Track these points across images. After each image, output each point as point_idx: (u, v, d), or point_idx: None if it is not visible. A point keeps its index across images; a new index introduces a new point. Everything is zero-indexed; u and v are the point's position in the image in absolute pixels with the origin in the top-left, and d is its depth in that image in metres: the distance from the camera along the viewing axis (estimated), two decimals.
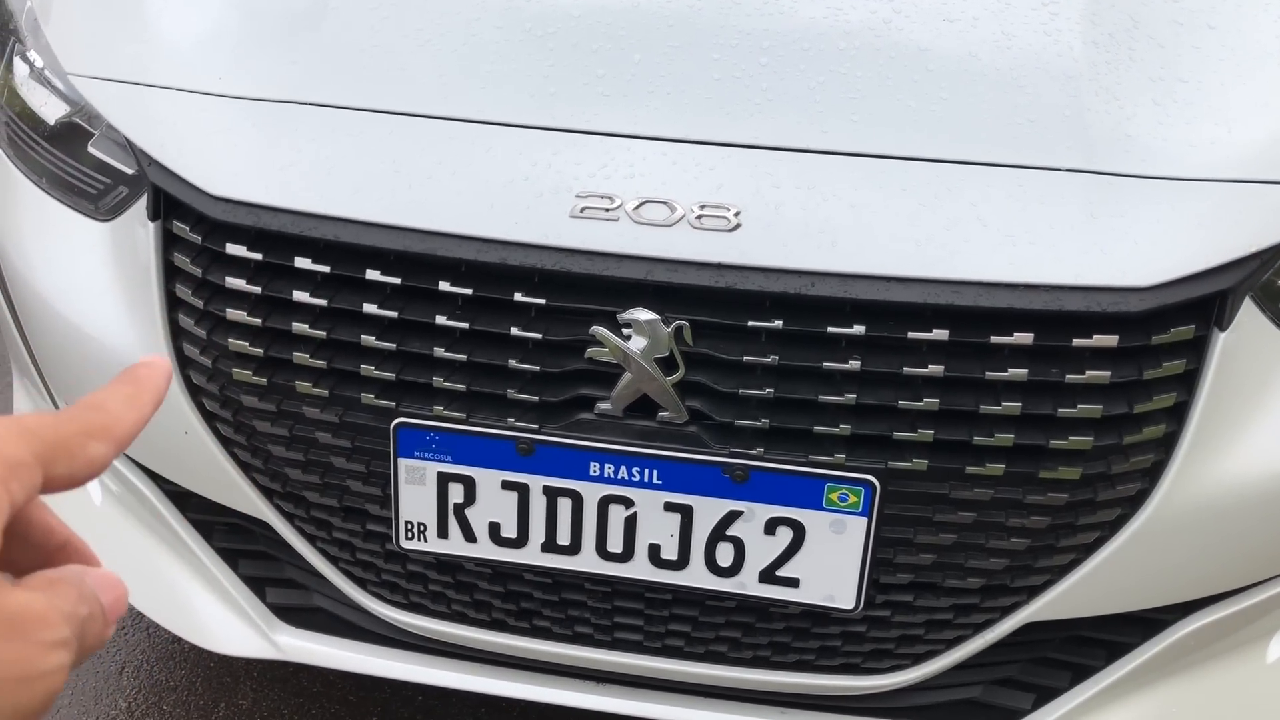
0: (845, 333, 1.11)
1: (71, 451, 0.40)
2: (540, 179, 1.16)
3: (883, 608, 1.23)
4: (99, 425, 0.41)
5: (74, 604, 0.39)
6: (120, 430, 0.42)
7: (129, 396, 0.43)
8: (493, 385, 1.17)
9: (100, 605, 0.40)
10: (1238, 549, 1.23)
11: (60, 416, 0.40)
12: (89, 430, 0.41)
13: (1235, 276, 1.12)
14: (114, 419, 0.42)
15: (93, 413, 0.42)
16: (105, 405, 0.42)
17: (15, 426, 0.38)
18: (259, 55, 1.29)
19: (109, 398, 0.43)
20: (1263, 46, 1.27)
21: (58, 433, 0.40)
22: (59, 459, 0.39)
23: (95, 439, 0.41)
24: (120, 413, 0.42)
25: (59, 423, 0.40)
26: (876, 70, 1.20)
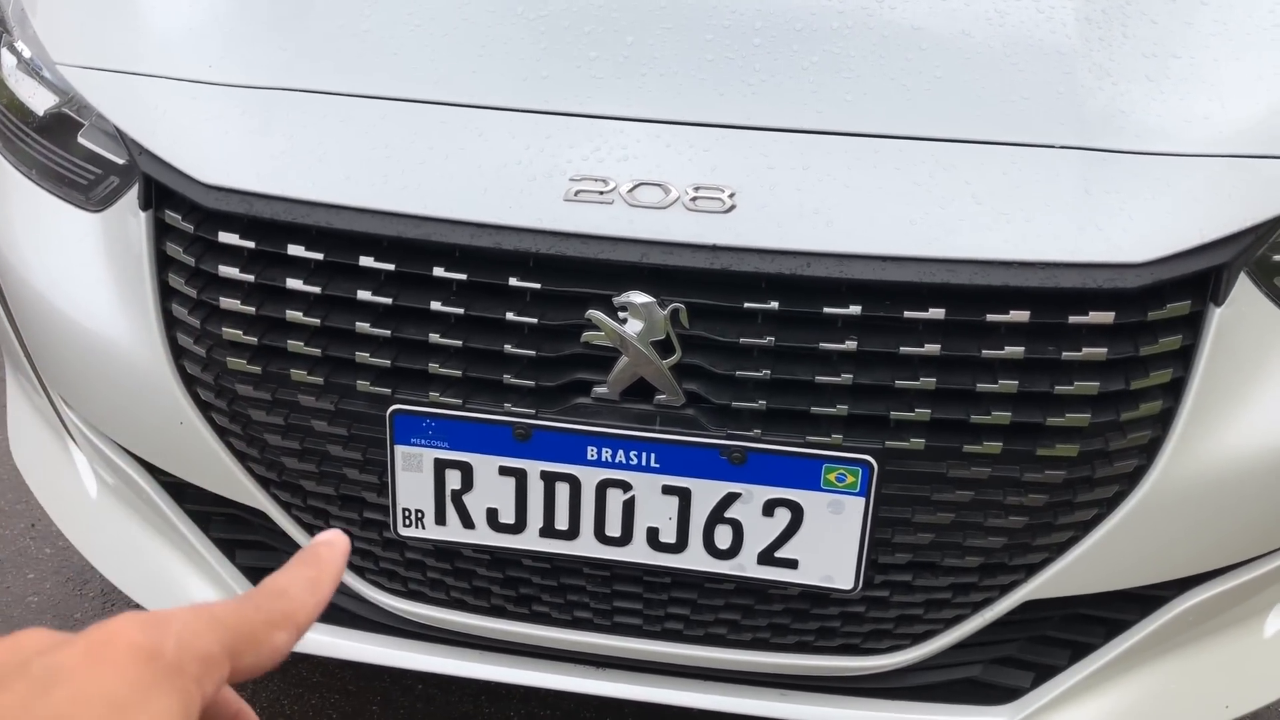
0: (841, 313, 1.11)
1: (258, 642, 0.39)
2: (533, 163, 1.15)
3: (881, 588, 1.23)
4: (282, 613, 0.41)
5: None
6: (303, 617, 0.41)
7: (310, 580, 0.43)
8: (488, 370, 1.17)
9: None
10: (1234, 524, 1.23)
11: (246, 605, 0.40)
12: (273, 620, 0.40)
13: (1231, 251, 1.12)
14: (297, 605, 0.41)
15: (277, 600, 0.41)
16: (288, 591, 0.42)
17: (206, 617, 0.38)
18: (249, 42, 1.28)
19: (291, 582, 0.42)
20: (1256, 21, 1.26)
21: (245, 623, 0.39)
22: (246, 650, 0.39)
23: (279, 628, 0.40)
24: (303, 599, 0.42)
25: (245, 612, 0.40)
26: (870, 49, 1.19)
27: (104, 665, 0.34)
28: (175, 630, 0.36)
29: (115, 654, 0.35)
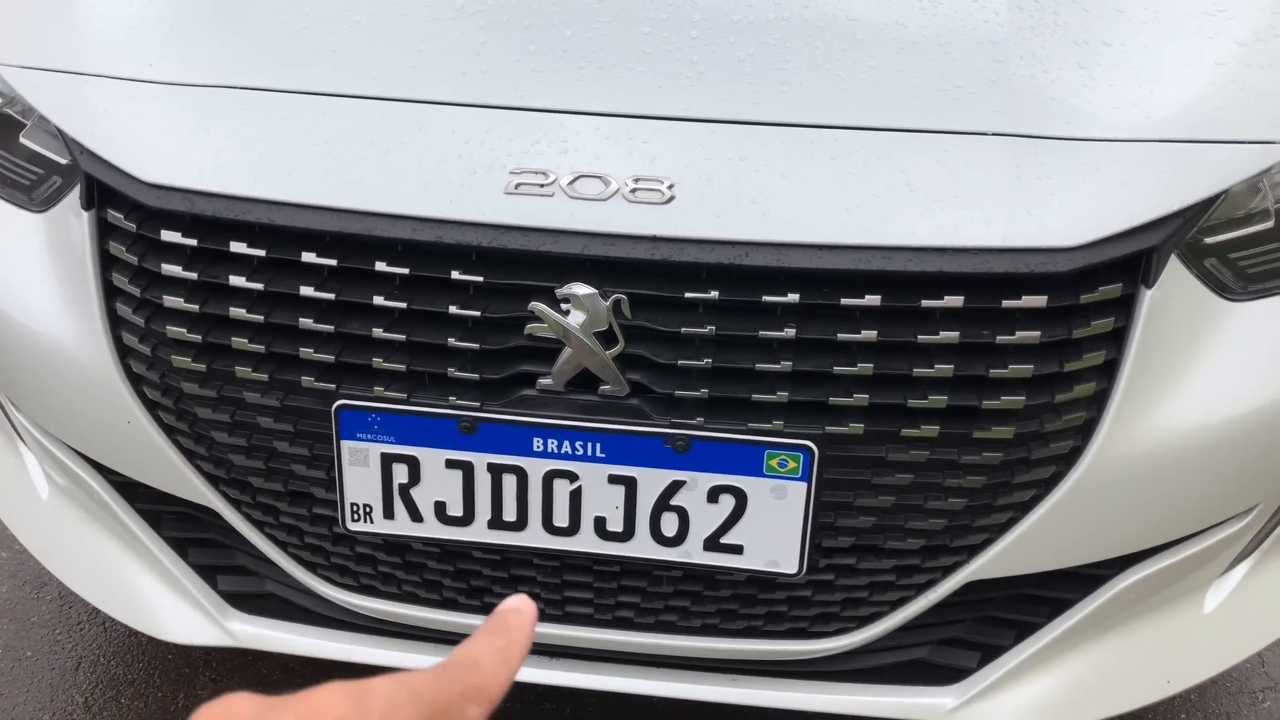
0: (780, 301, 1.12)
1: (452, 716, 0.39)
2: (474, 156, 1.16)
3: (826, 571, 1.25)
4: (476, 686, 0.41)
5: None
6: (495, 691, 0.41)
7: (501, 650, 0.43)
8: (433, 364, 1.17)
9: None
10: (1170, 502, 1.26)
11: (441, 677, 0.40)
12: (467, 693, 0.40)
13: (1160, 234, 1.15)
14: (489, 679, 0.42)
15: (469, 672, 0.41)
16: (480, 662, 0.42)
17: (405, 690, 0.38)
18: (189, 40, 1.28)
19: (482, 653, 0.42)
20: (1185, 8, 1.29)
21: (441, 696, 0.39)
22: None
23: (473, 701, 0.40)
24: (494, 671, 0.42)
25: (440, 685, 0.40)
26: (805, 41, 1.21)
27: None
28: (379, 705, 0.37)
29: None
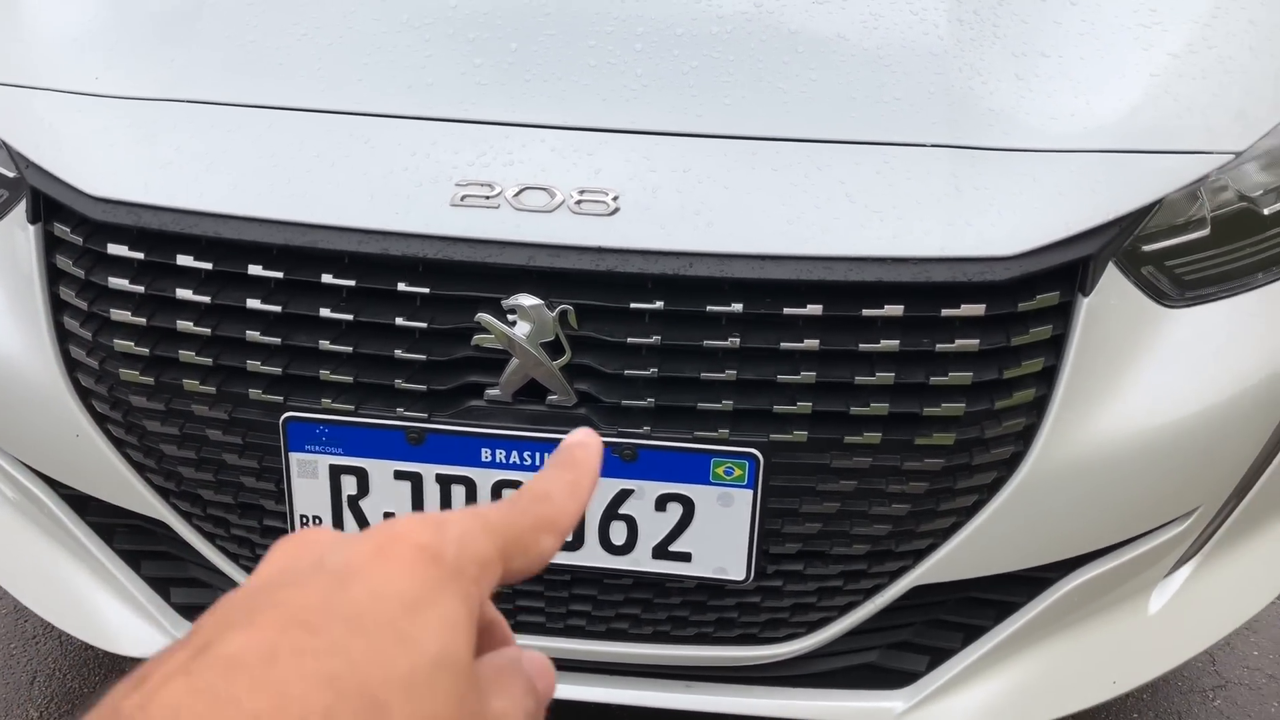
0: (724, 310, 1.14)
1: (526, 547, 0.40)
2: (420, 169, 1.17)
3: (774, 577, 1.26)
4: (547, 518, 0.41)
5: (523, 698, 0.38)
6: (565, 522, 0.42)
7: (570, 484, 0.43)
8: (380, 376, 1.18)
9: (537, 694, 0.40)
10: (1111, 506, 1.28)
11: (514, 509, 0.40)
12: (539, 524, 0.40)
13: (1096, 243, 1.17)
14: (559, 510, 0.42)
15: (541, 504, 0.41)
16: (551, 495, 0.42)
17: (480, 523, 0.38)
18: (135, 54, 1.28)
19: (553, 486, 0.42)
20: (1120, 20, 1.31)
21: (514, 528, 0.39)
22: (515, 555, 0.39)
23: (545, 532, 0.40)
24: (564, 503, 0.42)
25: (513, 516, 0.40)
26: (748, 54, 1.22)
27: (393, 564, 0.35)
28: (455, 534, 0.37)
29: (403, 553, 0.35)
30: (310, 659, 0.31)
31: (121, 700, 0.30)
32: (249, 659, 0.31)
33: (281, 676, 0.30)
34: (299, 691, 0.30)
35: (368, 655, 0.32)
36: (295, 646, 0.31)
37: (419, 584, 0.34)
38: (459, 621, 0.34)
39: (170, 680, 0.30)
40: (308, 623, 0.32)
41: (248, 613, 0.32)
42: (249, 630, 0.32)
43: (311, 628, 0.32)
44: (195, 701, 0.30)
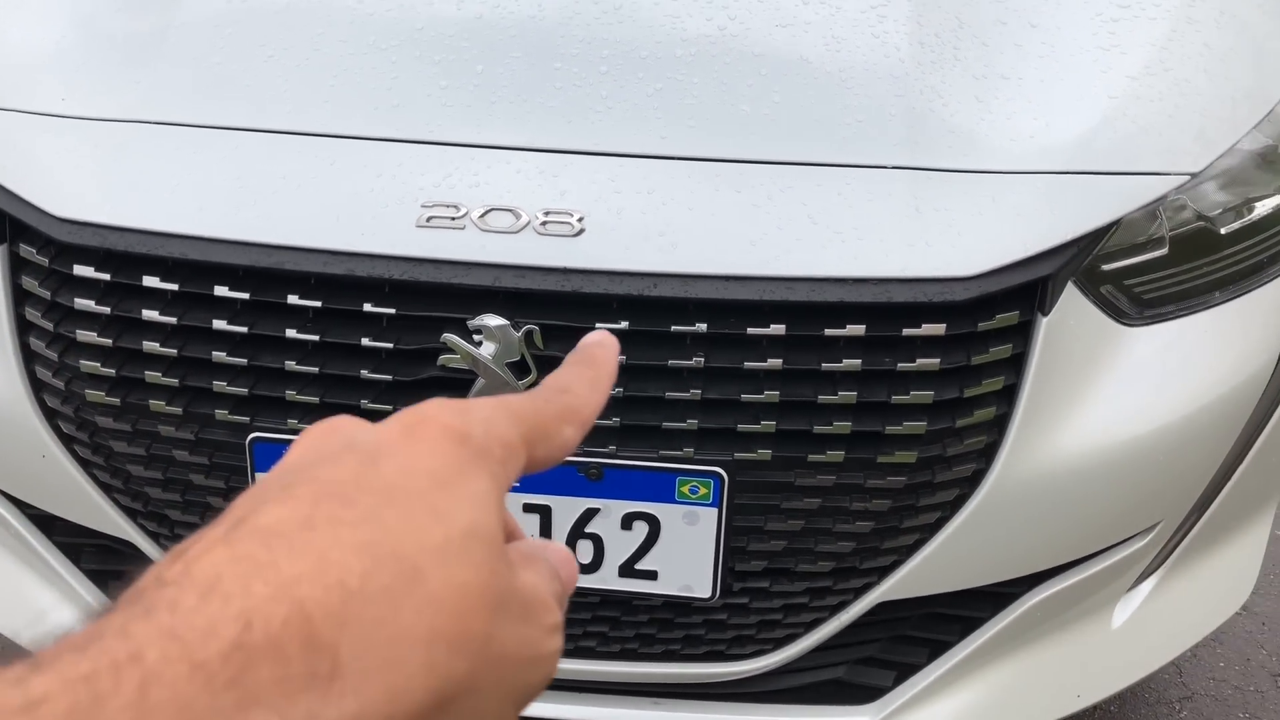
0: (688, 330, 1.15)
1: (549, 435, 0.40)
2: (386, 190, 1.17)
3: (740, 595, 1.27)
4: (570, 409, 0.42)
5: (551, 582, 0.39)
6: (587, 413, 0.42)
7: (591, 379, 0.44)
8: (346, 396, 1.18)
9: (561, 580, 0.40)
10: (1073, 521, 1.29)
11: (537, 399, 0.41)
12: (562, 414, 0.41)
13: (1055, 263, 1.18)
14: (581, 402, 0.42)
15: (564, 396, 0.42)
16: (573, 388, 0.42)
17: (505, 410, 0.39)
18: (101, 75, 1.29)
19: (573, 380, 0.43)
20: (1080, 43, 1.33)
21: (538, 416, 0.40)
22: (539, 442, 0.40)
23: (567, 422, 0.41)
24: (586, 395, 0.43)
25: (537, 405, 0.40)
26: (712, 76, 1.23)
27: (422, 443, 0.35)
28: (481, 417, 0.37)
29: (431, 433, 0.36)
30: (346, 527, 0.32)
31: (164, 570, 0.31)
32: (286, 528, 0.32)
33: (319, 542, 0.31)
34: (337, 555, 0.31)
35: (401, 524, 0.33)
36: (331, 516, 0.32)
37: (448, 461, 0.35)
38: (488, 497, 0.35)
39: (210, 550, 0.31)
40: (342, 495, 0.33)
41: (282, 489, 0.33)
42: (284, 503, 0.32)
43: (346, 499, 0.33)
44: (235, 567, 0.30)
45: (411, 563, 0.32)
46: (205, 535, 0.32)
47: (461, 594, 0.33)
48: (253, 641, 0.29)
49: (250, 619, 0.29)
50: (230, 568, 0.30)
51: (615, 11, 1.29)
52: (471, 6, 1.29)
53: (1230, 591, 1.60)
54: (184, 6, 1.31)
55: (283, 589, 0.30)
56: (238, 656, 0.29)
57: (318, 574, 0.31)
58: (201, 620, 0.29)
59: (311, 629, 0.30)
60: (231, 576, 0.30)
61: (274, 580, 0.30)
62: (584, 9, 1.29)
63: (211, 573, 0.30)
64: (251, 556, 0.31)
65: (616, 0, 1.30)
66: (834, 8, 1.30)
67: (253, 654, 0.29)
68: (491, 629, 0.34)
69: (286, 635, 0.30)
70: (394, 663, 0.31)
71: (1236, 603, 1.60)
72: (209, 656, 0.29)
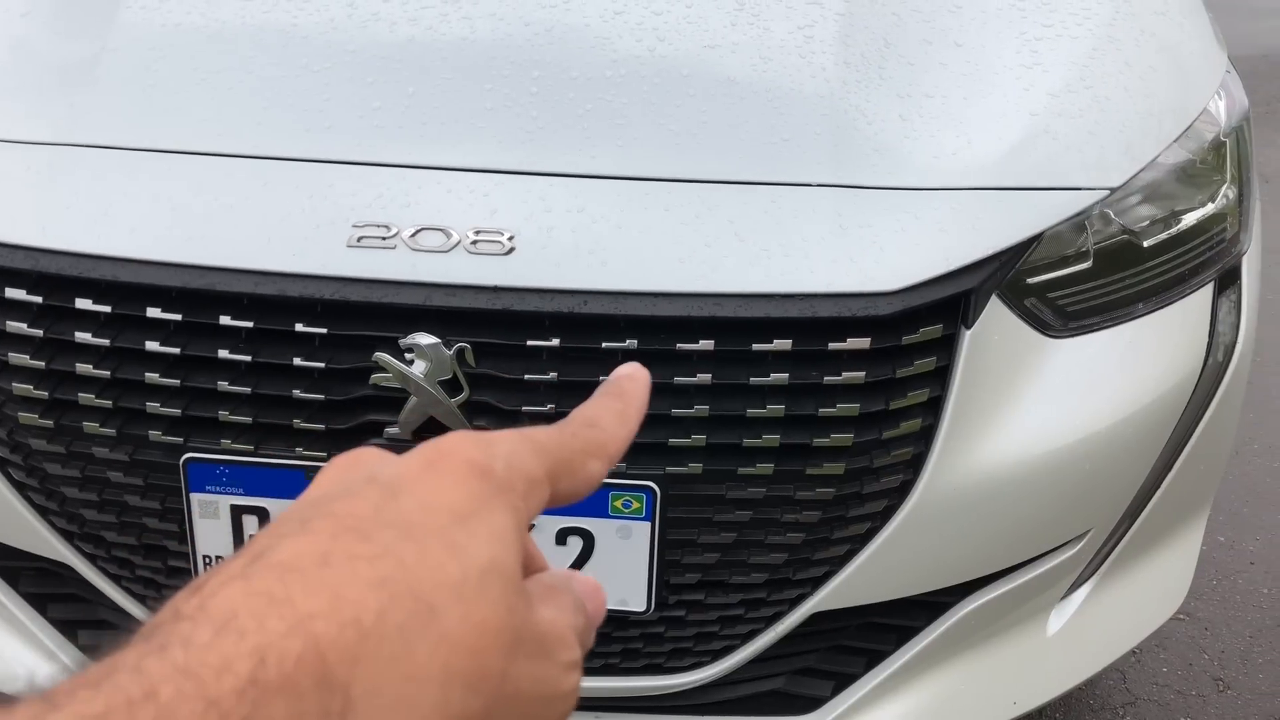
0: (619, 347, 1.16)
1: (574, 469, 0.40)
2: (317, 211, 1.18)
3: (676, 607, 1.28)
4: (597, 443, 0.41)
5: (572, 614, 0.38)
6: (614, 448, 0.42)
7: (618, 412, 0.43)
8: (280, 416, 1.19)
9: (586, 613, 0.40)
10: (1002, 530, 1.32)
11: (564, 433, 0.41)
12: (588, 448, 0.41)
13: (977, 277, 1.21)
14: (609, 436, 0.42)
15: (591, 430, 0.41)
16: (599, 421, 0.42)
17: (529, 443, 0.38)
18: (33, 98, 1.29)
19: (601, 413, 0.43)
20: (1004, 61, 1.36)
21: (563, 449, 0.40)
22: (563, 476, 0.39)
23: (594, 456, 0.41)
24: (614, 429, 0.42)
25: (563, 439, 0.40)
26: (642, 96, 1.25)
27: (443, 477, 0.35)
28: (504, 450, 0.37)
29: (453, 467, 0.35)
30: (363, 563, 0.32)
31: (181, 604, 0.31)
32: (303, 563, 0.31)
33: (335, 578, 0.31)
34: (352, 593, 0.31)
35: (418, 561, 0.32)
36: (348, 552, 0.32)
37: (468, 496, 0.35)
38: (507, 533, 0.35)
39: (227, 584, 0.31)
40: (359, 530, 0.33)
41: (300, 523, 0.33)
42: (302, 538, 0.32)
43: (363, 534, 0.33)
44: (251, 602, 0.30)
45: (427, 600, 0.32)
46: (223, 569, 0.32)
47: (477, 632, 0.33)
48: (267, 678, 0.29)
49: (265, 655, 0.29)
50: (246, 603, 0.30)
51: (546, 34, 1.30)
52: (404, 29, 1.30)
53: (1164, 597, 1.63)
54: (117, 30, 1.32)
55: (298, 625, 0.30)
56: (251, 693, 0.29)
57: (333, 611, 0.31)
58: (216, 656, 0.29)
59: (325, 666, 0.30)
60: (247, 612, 0.30)
61: (289, 616, 0.30)
62: (515, 31, 1.31)
63: (227, 607, 0.30)
64: (267, 592, 0.31)
65: (548, 23, 1.32)
66: (762, 29, 1.33)
67: (266, 691, 0.29)
68: (507, 667, 0.34)
69: (300, 672, 0.29)
70: (408, 701, 0.31)
71: (1170, 608, 1.63)
72: (223, 693, 0.29)
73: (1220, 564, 2.38)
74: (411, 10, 1.33)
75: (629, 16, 1.33)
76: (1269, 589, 2.32)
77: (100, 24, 1.34)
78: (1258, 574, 2.36)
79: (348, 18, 1.32)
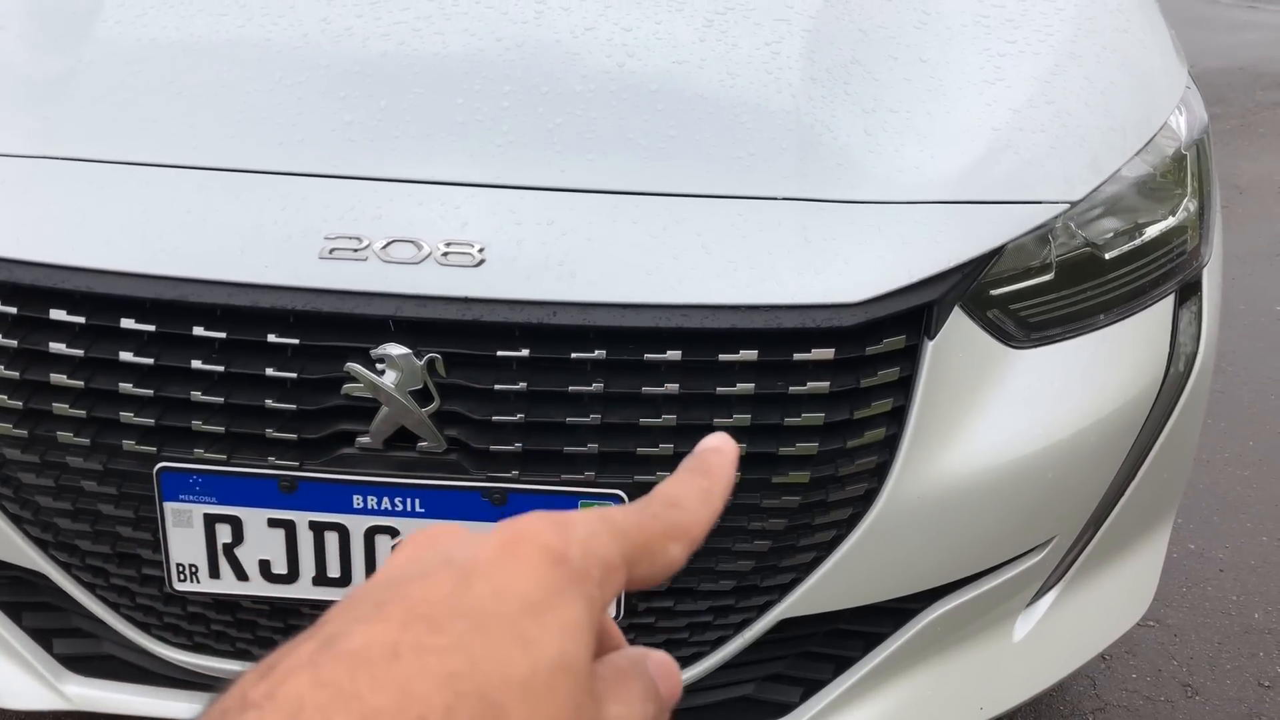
0: (588, 357, 1.18)
1: (653, 553, 0.38)
2: (289, 223, 1.20)
3: (645, 614, 1.30)
4: (679, 526, 0.40)
5: (642, 703, 0.37)
6: (697, 531, 0.40)
7: (704, 491, 0.42)
8: (252, 425, 1.20)
9: (660, 698, 0.38)
10: (966, 538, 1.34)
11: (644, 514, 0.39)
12: (669, 531, 0.39)
13: (939, 289, 1.23)
14: (692, 518, 0.40)
15: (673, 511, 0.40)
16: (683, 502, 0.41)
17: (606, 526, 0.37)
18: (8, 110, 1.30)
19: (686, 493, 0.41)
20: (968, 77, 1.39)
21: (642, 533, 0.38)
22: (642, 560, 0.38)
23: (675, 540, 0.39)
24: (697, 511, 0.41)
25: (644, 522, 0.39)
26: (611, 111, 1.28)
27: (518, 563, 0.35)
28: (580, 535, 0.36)
29: (528, 553, 0.35)
30: (433, 656, 0.32)
31: (250, 689, 0.31)
32: (373, 654, 0.31)
33: (403, 673, 0.31)
34: (420, 690, 0.31)
35: (488, 655, 0.32)
36: (418, 643, 0.32)
37: (542, 585, 0.34)
38: (579, 625, 0.34)
39: (296, 672, 0.31)
40: (431, 618, 0.33)
41: (375, 605, 0.33)
42: (374, 624, 0.32)
43: (434, 624, 0.33)
44: (319, 694, 0.30)
45: (494, 699, 0.32)
46: (295, 650, 0.32)
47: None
48: None
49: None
50: (313, 694, 0.30)
51: (518, 49, 1.33)
52: (376, 44, 1.32)
53: (1130, 603, 1.65)
54: (92, 44, 1.34)
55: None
56: None
57: (399, 709, 0.30)
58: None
59: None
60: (314, 706, 0.30)
61: (356, 712, 0.30)
62: (487, 46, 1.33)
63: (295, 698, 0.30)
64: (336, 683, 0.31)
65: (519, 38, 1.34)
66: (730, 45, 1.35)
67: None
68: None
69: None
70: None
71: (1136, 614, 1.66)
72: None
73: (1190, 571, 2.41)
74: (384, 25, 1.35)
75: (599, 32, 1.35)
76: (1238, 596, 2.35)
77: (76, 38, 1.35)
78: (1227, 581, 2.39)
79: (321, 32, 1.34)
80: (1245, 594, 2.36)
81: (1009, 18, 1.49)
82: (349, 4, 1.38)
